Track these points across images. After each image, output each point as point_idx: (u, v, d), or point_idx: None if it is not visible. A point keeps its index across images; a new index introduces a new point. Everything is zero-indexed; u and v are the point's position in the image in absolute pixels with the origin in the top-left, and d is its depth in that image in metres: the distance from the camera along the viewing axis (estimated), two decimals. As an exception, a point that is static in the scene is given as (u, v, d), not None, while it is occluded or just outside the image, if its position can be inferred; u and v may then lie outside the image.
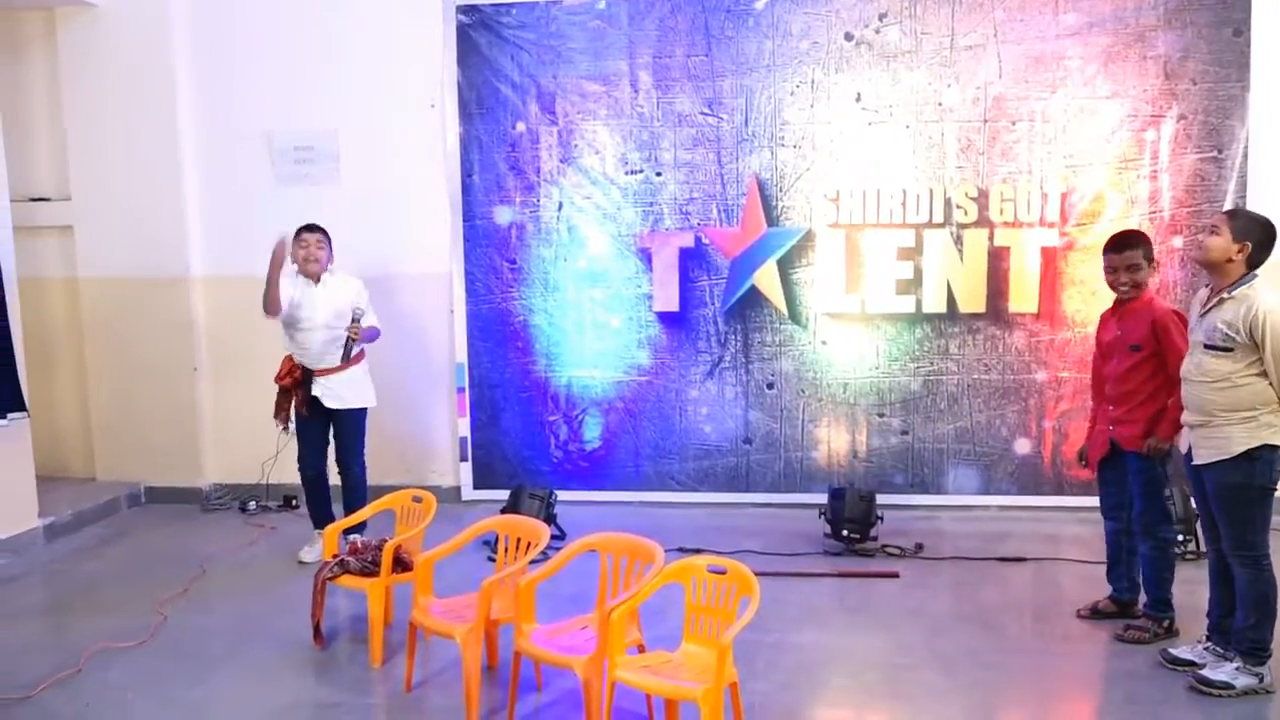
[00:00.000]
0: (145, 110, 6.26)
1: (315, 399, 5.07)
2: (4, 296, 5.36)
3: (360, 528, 4.70)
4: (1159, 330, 3.95)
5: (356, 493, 5.17)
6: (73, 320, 6.59)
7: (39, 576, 5.22)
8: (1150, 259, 4.06)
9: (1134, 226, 4.28)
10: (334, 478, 5.27)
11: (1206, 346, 3.57)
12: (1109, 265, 4.11)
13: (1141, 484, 4.07)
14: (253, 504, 6.32)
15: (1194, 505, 4.05)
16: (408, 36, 6.16)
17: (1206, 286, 3.71)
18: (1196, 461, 3.67)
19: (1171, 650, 3.89)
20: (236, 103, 6.31)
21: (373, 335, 5.21)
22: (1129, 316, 4.09)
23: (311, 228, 5.10)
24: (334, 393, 5.08)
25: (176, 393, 6.47)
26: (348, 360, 5.07)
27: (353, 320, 5.02)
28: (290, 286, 5.02)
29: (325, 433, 5.20)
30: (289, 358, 5.11)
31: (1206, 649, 3.79)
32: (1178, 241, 5.77)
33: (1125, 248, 4.06)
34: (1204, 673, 3.66)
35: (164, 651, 4.15)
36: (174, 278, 6.39)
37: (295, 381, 5.04)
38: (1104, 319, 4.29)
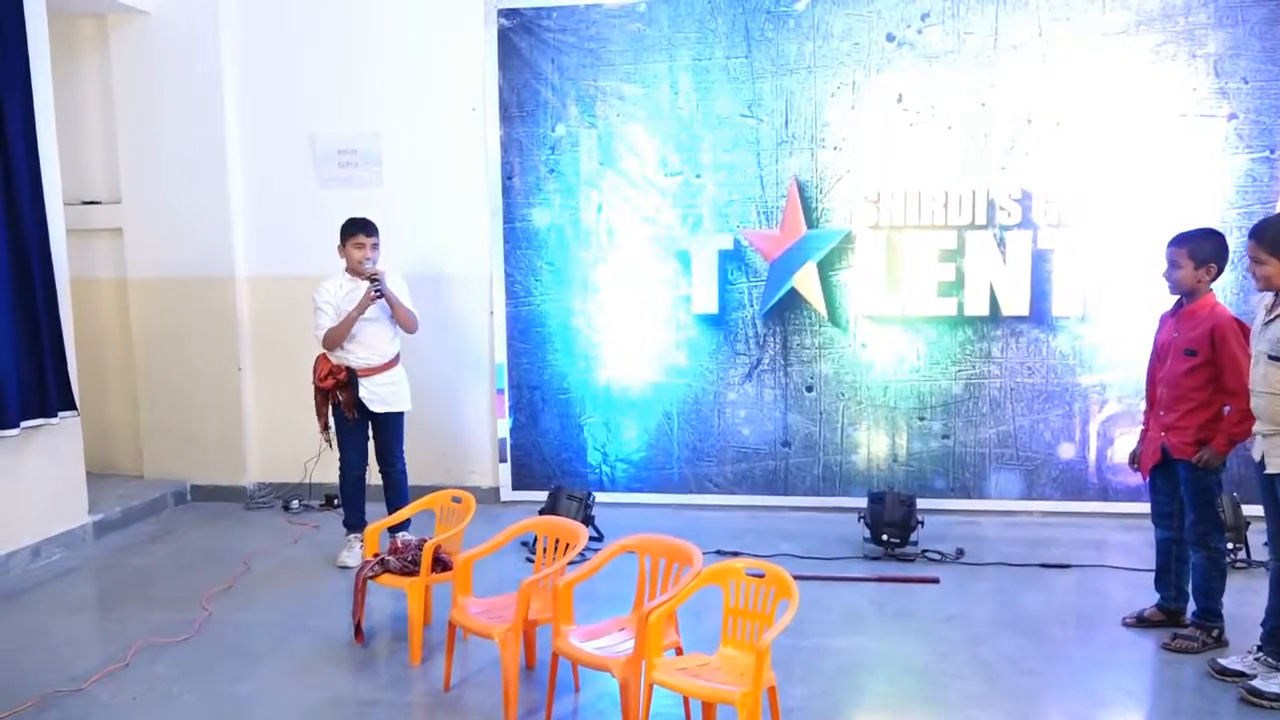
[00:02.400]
0: (194, 115, 6.37)
1: (359, 402, 5.13)
2: (57, 297, 5.48)
3: (405, 525, 4.78)
4: (1217, 338, 3.84)
5: (399, 491, 5.24)
6: (122, 320, 6.73)
7: (88, 571, 5.33)
8: (1200, 260, 3.91)
9: (1200, 227, 4.16)
10: (371, 478, 5.33)
11: (1271, 358, 3.49)
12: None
13: (1193, 493, 3.98)
14: (295, 503, 6.41)
15: (1259, 512, 3.94)
16: (449, 40, 6.21)
17: (1275, 293, 3.62)
18: (1270, 471, 3.59)
19: (1221, 660, 3.80)
20: (282, 107, 6.41)
21: (409, 320, 5.19)
22: (1187, 319, 3.99)
23: (370, 230, 5.11)
24: (378, 396, 5.14)
25: (222, 392, 6.58)
26: (382, 294, 5.04)
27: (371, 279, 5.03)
28: (338, 291, 5.09)
29: (367, 435, 5.26)
30: (325, 359, 5.15)
31: (1257, 659, 3.70)
32: (1228, 243, 5.65)
33: (1170, 244, 4.01)
34: (1255, 684, 3.58)
35: (209, 647, 4.22)
36: (220, 278, 6.50)
37: (338, 383, 5.09)
38: (1162, 320, 4.19)
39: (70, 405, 5.56)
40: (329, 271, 5.24)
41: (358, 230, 5.09)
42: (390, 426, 5.25)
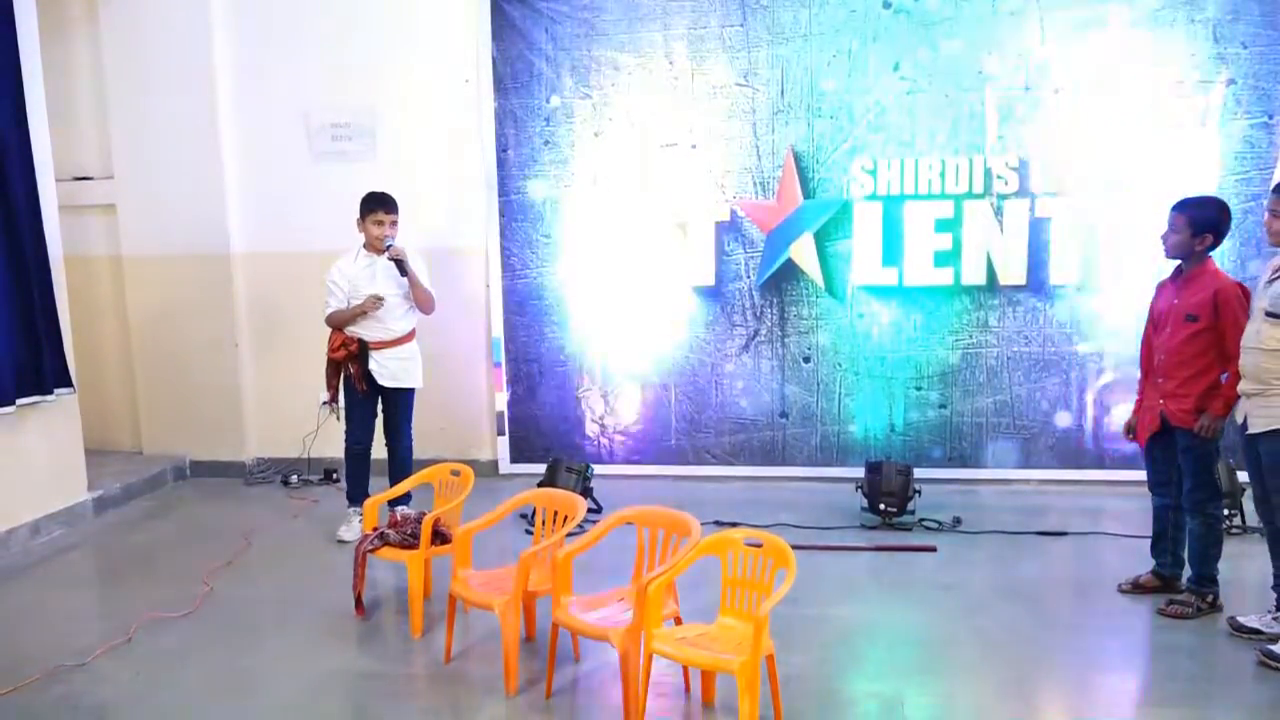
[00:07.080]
0: (186, 90, 6.31)
1: (369, 375, 5.12)
2: (50, 274, 5.45)
3: (406, 499, 4.79)
4: (1220, 302, 3.82)
5: (403, 466, 5.22)
6: (118, 297, 6.71)
7: (89, 548, 5.35)
8: (1198, 228, 3.90)
9: (1206, 195, 4.17)
10: (376, 452, 5.33)
11: (1269, 314, 3.50)
12: None
13: (1192, 461, 3.99)
14: (294, 477, 6.42)
15: (1247, 477, 3.96)
16: (442, 12, 6.15)
17: None
18: (1251, 431, 3.60)
19: (1239, 618, 3.84)
20: (274, 81, 6.34)
21: (426, 300, 5.16)
22: (1189, 285, 3.97)
23: (391, 206, 5.05)
24: (389, 371, 5.12)
25: (219, 368, 6.57)
26: (405, 274, 5.03)
27: (389, 252, 5.00)
28: (352, 268, 5.07)
29: (375, 409, 5.26)
30: (339, 331, 5.14)
31: (1275, 618, 3.74)
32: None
33: (1173, 208, 4.00)
34: (1274, 648, 3.59)
35: (211, 621, 4.24)
36: (215, 254, 6.46)
37: (350, 355, 5.08)
38: (1160, 287, 4.17)
39: (66, 382, 5.54)
40: (324, 246, 5.22)
41: (377, 207, 5.03)
42: (399, 403, 5.23)
